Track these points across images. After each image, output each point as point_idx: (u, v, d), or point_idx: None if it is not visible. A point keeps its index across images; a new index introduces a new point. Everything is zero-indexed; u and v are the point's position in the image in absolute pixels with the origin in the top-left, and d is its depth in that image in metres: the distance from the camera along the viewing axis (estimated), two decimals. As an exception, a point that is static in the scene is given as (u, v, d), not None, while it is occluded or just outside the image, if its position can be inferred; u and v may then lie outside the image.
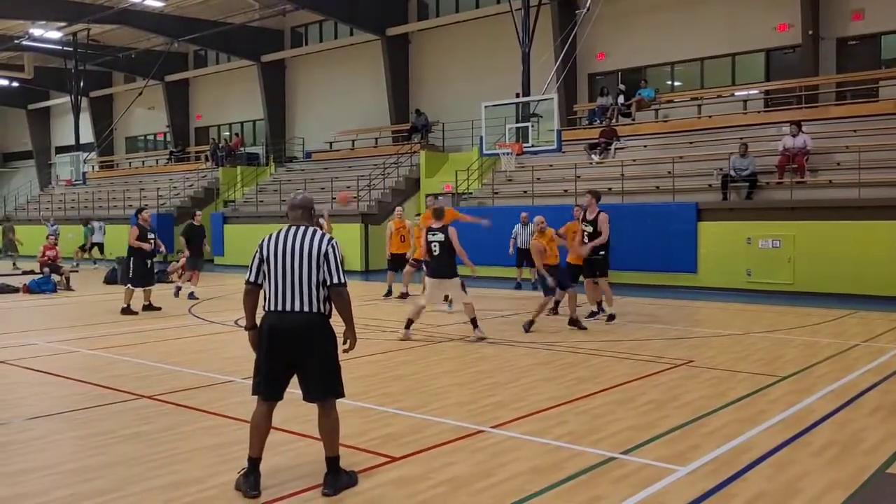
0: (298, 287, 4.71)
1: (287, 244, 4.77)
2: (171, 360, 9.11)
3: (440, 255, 10.70)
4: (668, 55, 23.62)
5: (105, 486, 4.87)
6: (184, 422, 6.41)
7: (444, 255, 10.69)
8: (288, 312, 4.72)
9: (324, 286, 4.74)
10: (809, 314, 13.09)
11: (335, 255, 4.77)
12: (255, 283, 4.87)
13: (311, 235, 4.79)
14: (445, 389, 7.59)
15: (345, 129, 30.81)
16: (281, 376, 4.81)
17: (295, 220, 4.93)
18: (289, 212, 4.99)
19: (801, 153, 17.09)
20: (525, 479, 4.93)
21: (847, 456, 5.38)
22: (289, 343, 4.72)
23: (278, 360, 4.77)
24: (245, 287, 4.93)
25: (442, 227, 10.79)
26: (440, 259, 10.73)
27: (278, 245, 4.79)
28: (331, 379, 4.83)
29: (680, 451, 5.48)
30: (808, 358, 9.01)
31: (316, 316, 4.74)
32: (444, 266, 10.72)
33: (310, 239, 4.77)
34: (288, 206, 5.05)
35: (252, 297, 4.90)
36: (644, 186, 19.22)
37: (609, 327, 11.72)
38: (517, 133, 20.10)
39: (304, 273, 4.71)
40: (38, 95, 45.09)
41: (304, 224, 4.90)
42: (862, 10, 20.28)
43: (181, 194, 31.73)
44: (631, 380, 7.88)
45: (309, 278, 4.71)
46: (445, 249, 10.66)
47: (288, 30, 33.97)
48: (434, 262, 10.80)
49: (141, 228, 14.27)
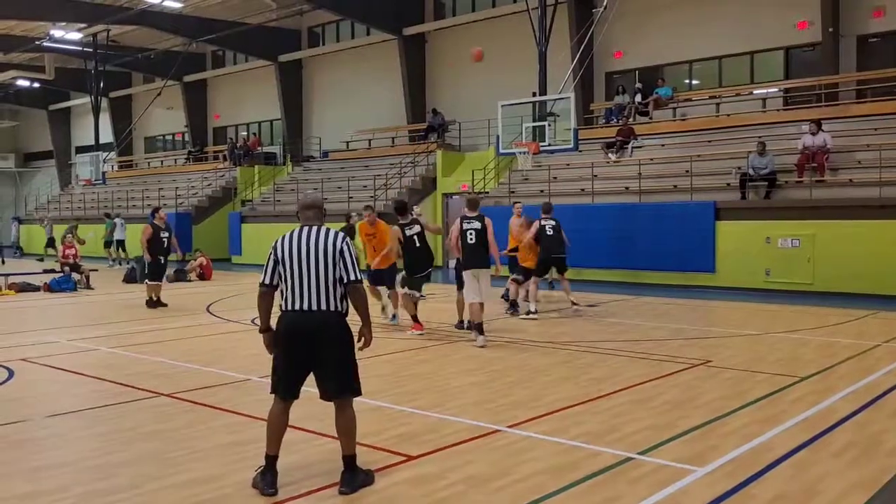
0: (316, 286, 4.73)
1: (302, 244, 4.80)
2: (190, 359, 9.17)
3: (475, 244, 10.26)
4: (686, 53, 23.45)
5: (124, 483, 4.91)
6: (201, 419, 6.44)
7: (480, 244, 10.26)
8: (306, 312, 4.75)
9: (340, 284, 4.78)
10: (829, 314, 12.96)
11: (350, 253, 4.81)
12: (271, 284, 4.88)
13: (325, 234, 4.83)
14: (462, 388, 7.59)
15: (361, 128, 30.86)
16: (299, 375, 4.85)
17: (307, 220, 4.95)
18: (300, 212, 5.01)
19: (820, 152, 16.92)
20: (541, 478, 4.91)
21: (868, 457, 5.32)
22: (307, 342, 4.75)
23: (297, 359, 4.80)
24: (260, 289, 4.91)
25: (478, 215, 10.41)
26: (476, 248, 10.27)
27: (293, 245, 4.81)
28: (347, 377, 4.85)
29: (698, 451, 5.44)
30: (828, 358, 8.92)
31: (333, 314, 4.77)
32: (481, 255, 10.25)
33: (324, 238, 4.81)
34: (299, 207, 5.06)
35: (267, 300, 4.91)
36: (662, 185, 19.11)
37: (622, 328, 11.66)
38: (534, 132, 20.05)
39: (321, 272, 4.74)
40: (59, 96, 45.53)
41: (317, 223, 4.92)
42: (883, 7, 20.05)
43: (199, 194, 31.91)
44: (648, 380, 7.84)
45: (325, 277, 4.74)
46: (481, 238, 10.26)
47: (305, 30, 34.09)
48: (469, 252, 10.30)
49: (155, 228, 14.32)
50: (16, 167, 51.88)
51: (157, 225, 14.42)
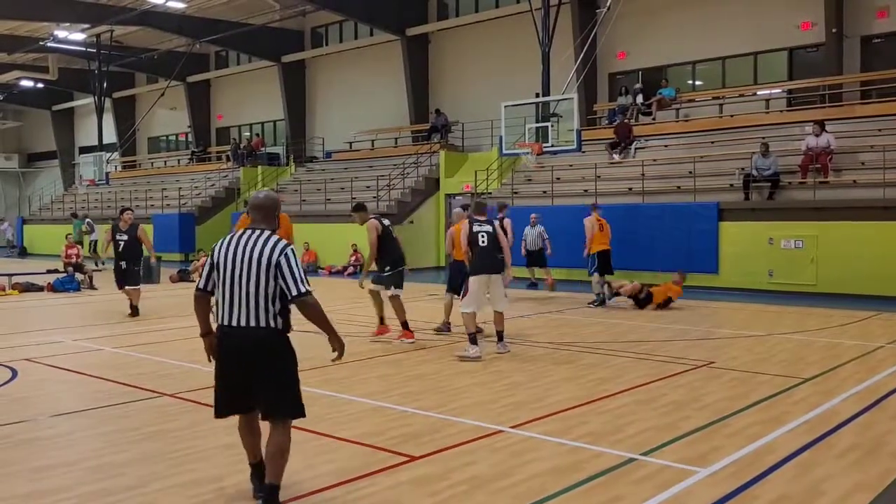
0: (246, 300, 4.24)
1: (238, 252, 4.30)
2: (192, 359, 9.16)
3: (487, 248, 9.66)
4: (690, 54, 23.43)
5: (127, 482, 4.91)
6: (204, 420, 6.44)
7: (491, 248, 9.68)
8: (235, 328, 4.28)
9: (281, 299, 4.27)
10: (833, 315, 12.94)
11: (290, 264, 4.25)
12: (205, 290, 4.46)
13: (263, 242, 4.29)
14: (465, 389, 7.58)
15: (365, 129, 30.88)
16: (234, 396, 4.40)
17: (254, 222, 4.43)
18: (248, 212, 4.56)
19: (824, 153, 16.90)
20: (545, 479, 4.91)
21: (871, 459, 5.31)
22: (238, 360, 4.30)
23: (230, 380, 4.38)
24: (195, 294, 4.51)
25: (487, 219, 9.92)
26: (489, 252, 9.63)
27: (229, 251, 4.33)
28: (286, 398, 4.34)
29: (701, 452, 5.44)
30: (831, 360, 8.91)
31: (265, 332, 4.26)
32: (494, 259, 9.66)
33: (261, 246, 4.27)
34: (248, 206, 4.60)
35: (202, 305, 4.51)
36: (665, 186, 19.10)
37: (625, 329, 11.65)
38: (537, 133, 20.05)
39: (253, 284, 4.23)
40: (63, 96, 45.61)
41: (262, 227, 4.39)
42: (887, 7, 20.00)
43: (202, 194, 31.96)
44: (652, 380, 7.83)
45: (257, 290, 4.23)
46: (493, 241, 9.73)
47: (308, 30, 34.12)
48: (481, 256, 9.67)
49: (113, 230, 13.47)
50: (19, 167, 52.01)
51: (117, 227, 13.43)
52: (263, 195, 4.53)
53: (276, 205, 4.53)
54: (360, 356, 9.10)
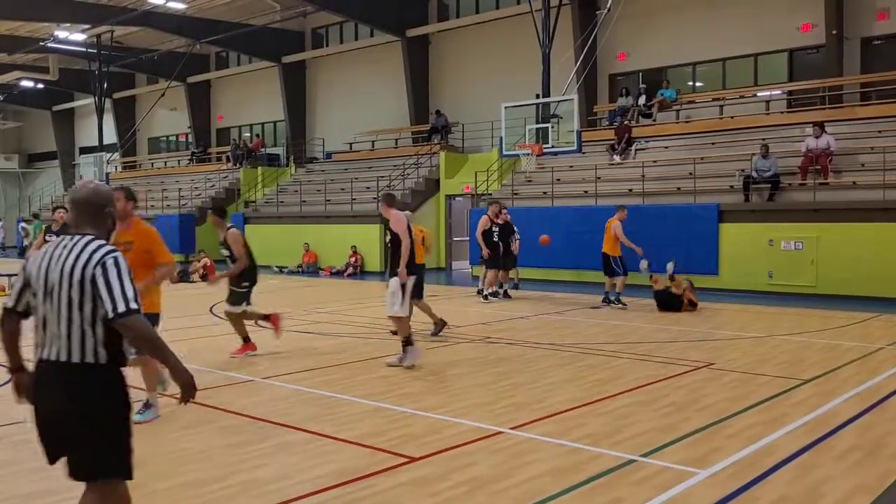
0: (57, 326, 3.26)
1: (52, 264, 3.29)
2: (192, 360, 9.17)
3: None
4: (690, 55, 23.45)
5: (129, 482, 4.90)
6: (204, 420, 6.45)
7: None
8: (44, 362, 3.30)
9: (102, 322, 3.24)
10: (833, 317, 12.94)
11: (108, 276, 3.21)
12: (14, 310, 3.42)
13: (79, 251, 3.26)
14: (465, 390, 7.59)
15: (365, 129, 30.90)
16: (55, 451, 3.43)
17: (73, 225, 3.41)
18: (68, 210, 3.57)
19: (824, 154, 16.91)
20: (545, 480, 4.91)
21: (871, 460, 5.31)
22: (47, 404, 3.34)
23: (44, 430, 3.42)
24: (1, 315, 3.47)
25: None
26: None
27: (42, 265, 3.32)
28: (103, 453, 3.36)
29: (701, 453, 5.44)
30: (831, 361, 8.91)
31: (78, 369, 3.25)
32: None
33: (75, 256, 3.25)
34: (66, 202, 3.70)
35: (9, 327, 3.46)
36: (665, 187, 19.10)
37: (625, 330, 11.65)
38: (537, 134, 20.04)
39: (65, 307, 3.23)
40: (63, 97, 45.64)
41: (83, 232, 3.37)
42: (887, 9, 20.02)
43: (203, 195, 31.98)
44: (652, 382, 7.83)
45: (70, 314, 3.23)
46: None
47: (309, 31, 34.14)
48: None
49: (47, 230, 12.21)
50: (20, 168, 52.03)
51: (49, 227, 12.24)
52: (90, 189, 3.44)
53: (104, 201, 3.43)
54: (361, 357, 9.16)
